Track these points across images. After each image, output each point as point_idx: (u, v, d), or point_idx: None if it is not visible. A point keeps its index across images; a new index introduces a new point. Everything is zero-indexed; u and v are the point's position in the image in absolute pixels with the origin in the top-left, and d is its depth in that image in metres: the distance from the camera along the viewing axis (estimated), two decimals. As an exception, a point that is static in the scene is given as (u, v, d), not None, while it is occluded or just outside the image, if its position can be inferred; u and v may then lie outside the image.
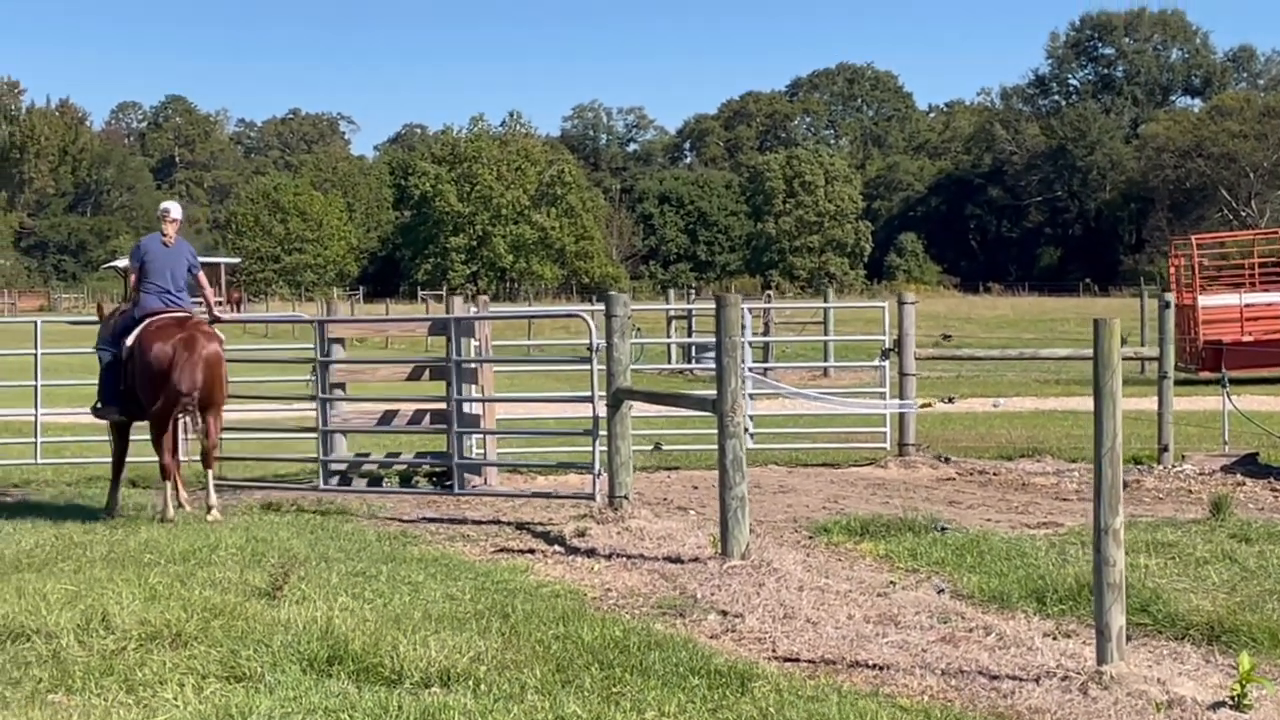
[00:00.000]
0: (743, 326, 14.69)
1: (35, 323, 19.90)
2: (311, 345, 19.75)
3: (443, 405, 17.20)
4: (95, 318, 16.51)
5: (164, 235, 15.59)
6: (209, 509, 14.76)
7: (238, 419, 19.20)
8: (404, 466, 17.45)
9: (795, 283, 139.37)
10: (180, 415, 15.02)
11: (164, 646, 8.76)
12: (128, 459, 15.85)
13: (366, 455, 17.81)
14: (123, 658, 8.52)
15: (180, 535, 13.37)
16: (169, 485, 14.85)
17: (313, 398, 17.23)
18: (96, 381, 15.63)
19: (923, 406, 21.29)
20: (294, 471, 18.59)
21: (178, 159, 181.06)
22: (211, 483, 15.02)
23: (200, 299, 16.46)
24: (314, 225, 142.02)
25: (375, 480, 17.57)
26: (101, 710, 7.48)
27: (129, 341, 15.04)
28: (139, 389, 14.93)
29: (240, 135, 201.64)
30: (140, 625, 9.11)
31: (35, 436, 19.00)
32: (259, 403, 19.92)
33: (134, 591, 10.22)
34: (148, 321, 15.11)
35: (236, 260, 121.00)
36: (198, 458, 15.44)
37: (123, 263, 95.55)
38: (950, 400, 28.39)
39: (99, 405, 15.58)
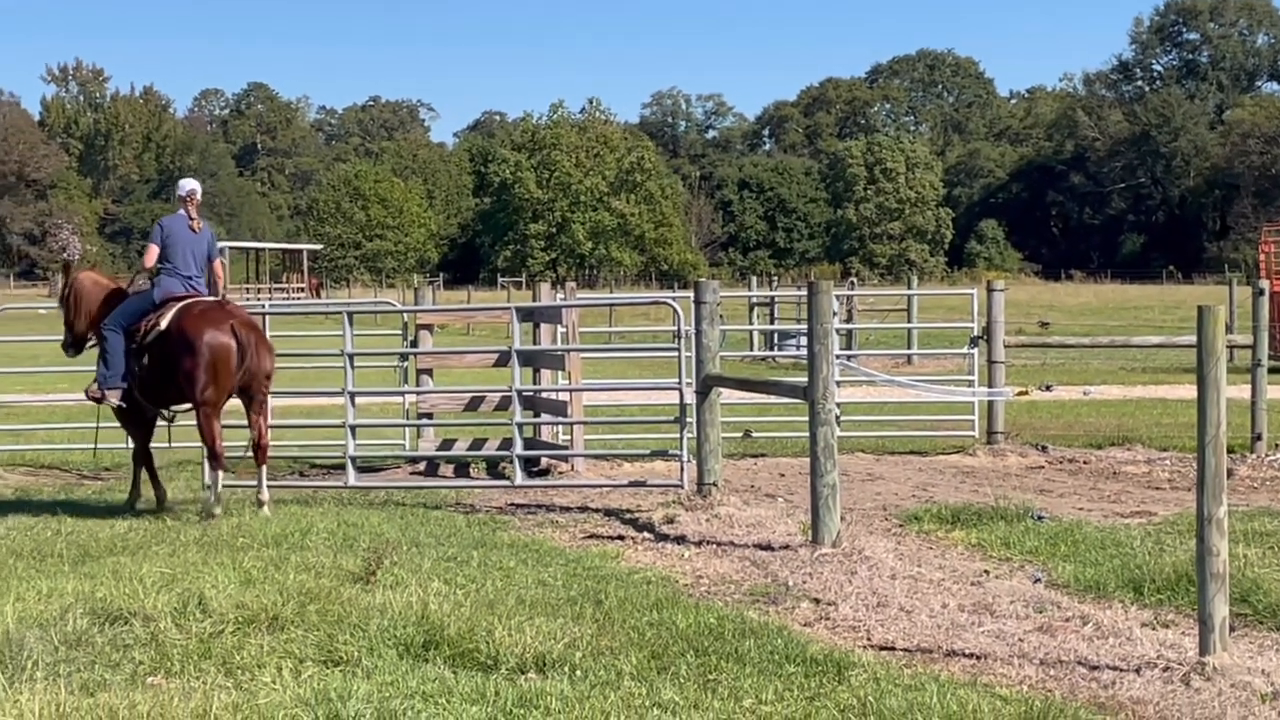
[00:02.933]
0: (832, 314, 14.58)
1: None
2: (395, 332, 19.84)
3: (529, 392, 17.28)
4: None
5: (190, 218, 14.93)
6: (261, 504, 14.31)
7: (321, 404, 19.31)
8: (491, 455, 17.48)
9: (875, 270, 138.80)
10: (256, 396, 14.52)
11: (261, 630, 8.80)
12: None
13: (453, 442, 17.88)
14: (220, 641, 8.56)
15: (272, 520, 13.45)
16: (220, 476, 14.34)
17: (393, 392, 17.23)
18: (99, 362, 14.75)
19: (1018, 395, 21.12)
20: (381, 458, 18.68)
21: (259, 146, 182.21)
22: (265, 476, 14.57)
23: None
24: (394, 212, 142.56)
25: (462, 468, 17.64)
26: (201, 693, 7.50)
27: (164, 324, 14.22)
28: (182, 375, 14.09)
29: (321, 122, 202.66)
30: (237, 609, 9.15)
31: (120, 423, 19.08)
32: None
33: (229, 575, 10.28)
34: (185, 304, 14.39)
35: (318, 247, 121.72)
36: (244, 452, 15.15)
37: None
38: (1048, 388, 28.17)
39: (102, 386, 14.55)
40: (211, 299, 14.72)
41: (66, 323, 15.33)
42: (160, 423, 15.25)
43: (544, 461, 17.46)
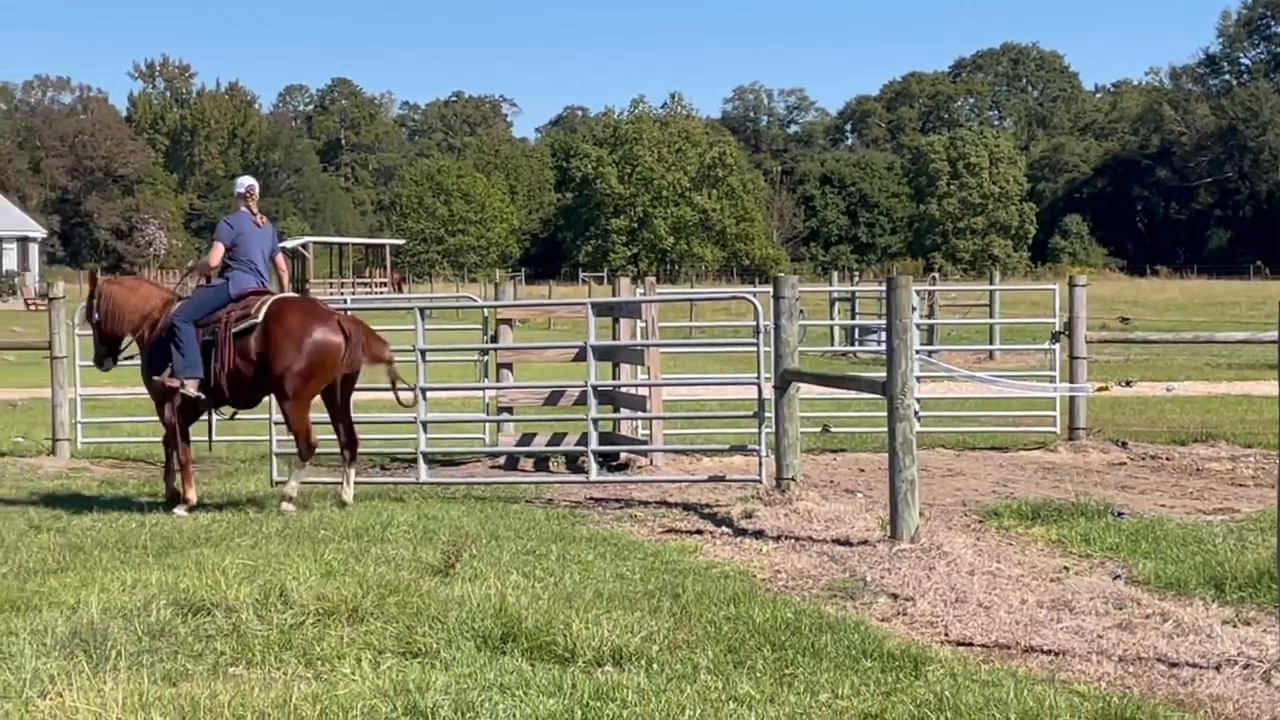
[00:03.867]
0: (912, 309, 14.55)
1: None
2: (476, 327, 19.95)
3: (609, 387, 17.35)
4: None
5: (255, 215, 15.06)
6: (342, 503, 14.26)
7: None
8: (567, 450, 17.53)
9: (958, 265, 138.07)
10: (347, 393, 14.60)
11: (341, 622, 8.88)
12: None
13: (533, 436, 17.95)
14: (301, 632, 8.64)
15: (354, 513, 13.56)
16: (306, 469, 14.49)
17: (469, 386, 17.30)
18: (175, 351, 14.34)
19: (1099, 390, 21.00)
20: (460, 452, 18.79)
21: (343, 141, 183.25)
22: (353, 477, 14.62)
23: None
24: (477, 207, 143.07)
25: (542, 462, 17.71)
26: (281, 683, 7.58)
27: (260, 315, 14.21)
28: (281, 368, 14.05)
29: (404, 118, 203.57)
30: (317, 600, 9.23)
31: (209, 415, 19.26)
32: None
33: (310, 567, 10.37)
34: (279, 298, 14.57)
35: (400, 242, 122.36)
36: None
37: (291, 243, 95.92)
38: (1129, 384, 28.00)
39: (179, 374, 14.29)
40: (298, 296, 14.85)
41: (102, 333, 15.17)
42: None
43: (623, 456, 17.50)
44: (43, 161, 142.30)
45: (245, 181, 15.39)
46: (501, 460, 17.83)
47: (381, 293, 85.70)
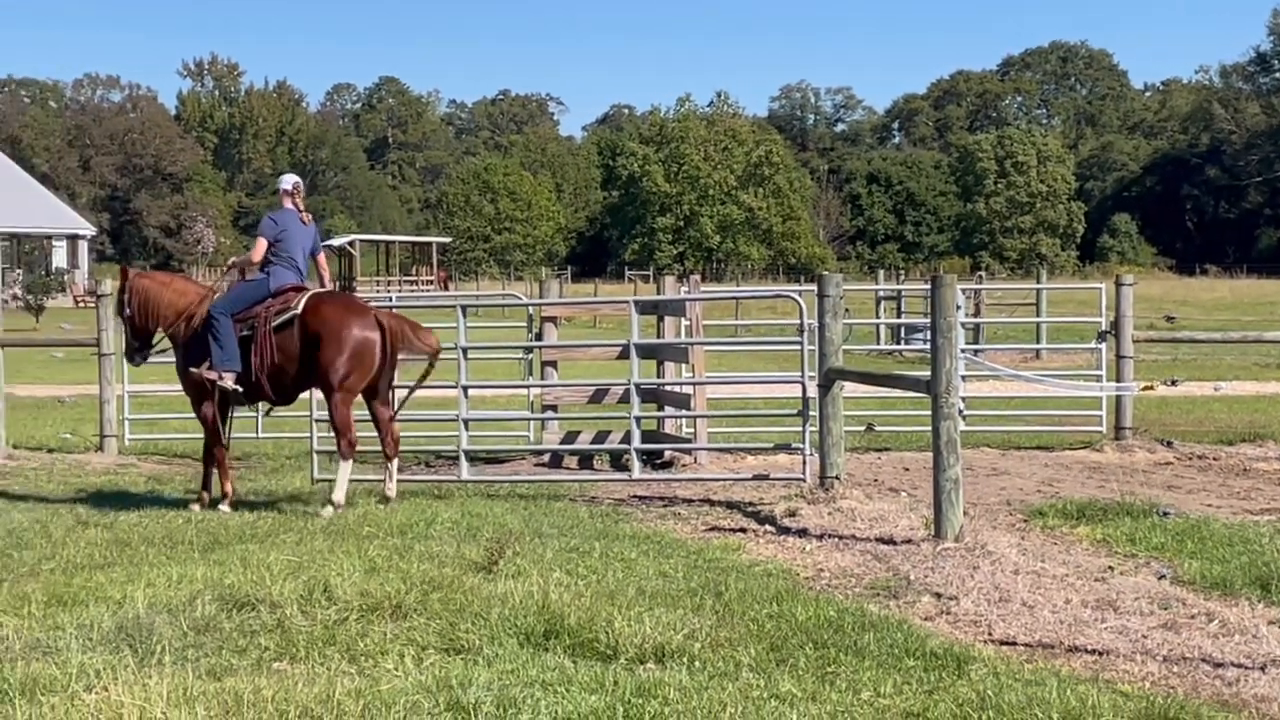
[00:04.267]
0: (957, 307, 14.50)
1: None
2: (521, 324, 20.00)
3: (653, 382, 17.36)
4: None
5: (300, 212, 15.03)
6: (387, 499, 14.31)
7: (450, 396, 19.45)
8: (609, 448, 17.53)
9: (1005, 264, 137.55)
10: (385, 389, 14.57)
11: (384, 618, 8.91)
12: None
13: (577, 433, 17.98)
14: (345, 628, 8.68)
15: (398, 509, 13.59)
16: (349, 466, 14.30)
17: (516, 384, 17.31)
18: (213, 344, 14.29)
19: (1144, 389, 20.91)
20: (504, 450, 18.83)
21: (390, 140, 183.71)
22: (395, 472, 14.63)
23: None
24: (523, 205, 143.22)
25: (586, 460, 17.73)
26: (325, 679, 7.61)
27: (299, 308, 14.21)
28: (324, 362, 14.04)
29: (451, 116, 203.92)
30: (361, 596, 9.27)
31: (257, 411, 19.37)
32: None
33: (354, 563, 10.40)
34: (319, 293, 14.59)
35: (447, 240, 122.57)
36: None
37: (338, 241, 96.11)
38: (1173, 383, 27.87)
39: (217, 367, 14.24)
40: (337, 292, 14.81)
41: (134, 328, 15.10)
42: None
43: (667, 454, 17.51)
44: (92, 160, 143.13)
45: (290, 179, 15.34)
46: (545, 458, 17.85)
47: (428, 290, 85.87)
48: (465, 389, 16.06)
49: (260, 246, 14.83)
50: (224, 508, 14.10)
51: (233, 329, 14.29)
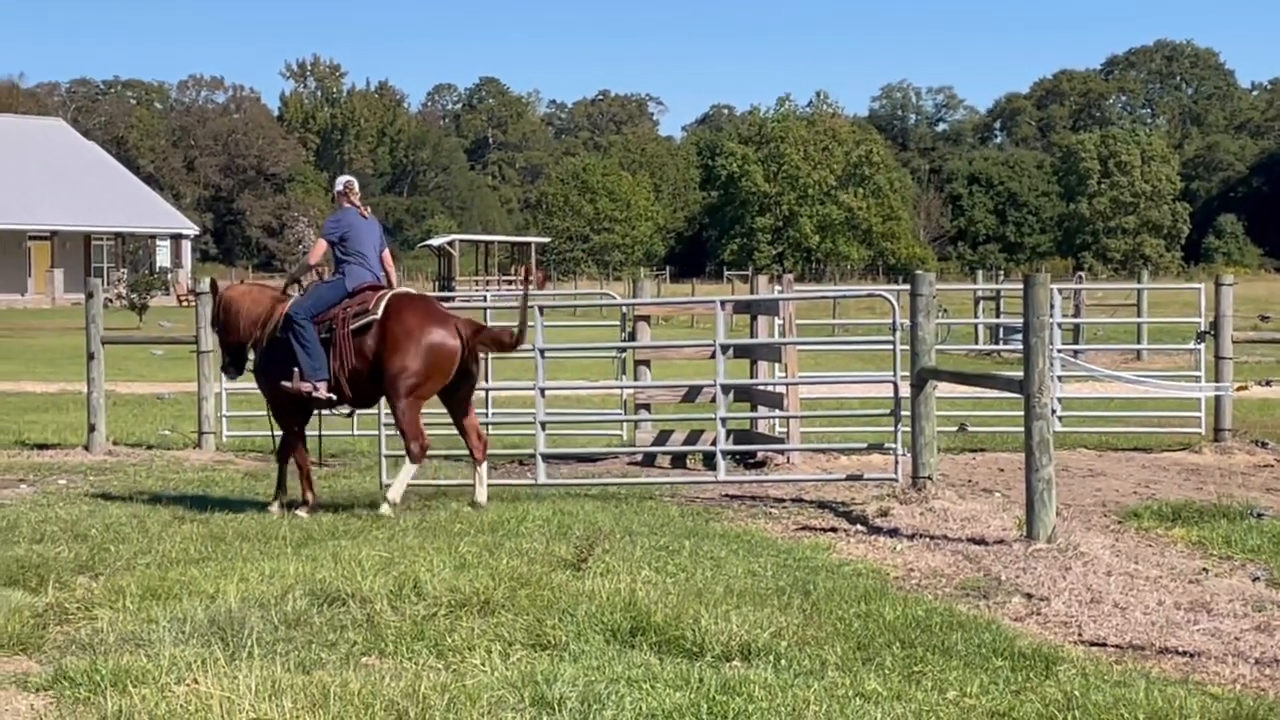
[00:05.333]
0: (1051, 307, 14.40)
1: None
2: (615, 323, 20.05)
3: (745, 383, 17.35)
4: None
5: (361, 208, 14.67)
6: (475, 504, 13.95)
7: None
8: (695, 449, 17.48)
9: (1108, 265, 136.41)
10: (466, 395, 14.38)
11: (472, 613, 8.97)
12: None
13: (669, 433, 17.99)
14: (433, 623, 8.74)
15: (490, 507, 13.64)
16: (414, 468, 14.18)
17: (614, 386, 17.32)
18: (300, 351, 14.09)
19: (1238, 390, 20.68)
20: (601, 446, 18.88)
21: (490, 140, 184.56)
22: (485, 476, 14.35)
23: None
24: (622, 205, 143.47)
25: (679, 459, 17.74)
26: (412, 673, 7.68)
27: (379, 311, 13.95)
28: (397, 367, 13.83)
29: (551, 116, 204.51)
30: (450, 592, 9.34)
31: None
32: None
33: (444, 560, 10.47)
34: (398, 295, 14.31)
35: (546, 240, 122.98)
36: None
37: (437, 241, 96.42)
38: (1268, 383, 27.55)
39: (309, 377, 14.06)
40: (419, 294, 14.65)
41: (225, 341, 15.00)
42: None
43: (760, 454, 17.49)
44: (196, 160, 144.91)
45: (343, 179, 15.06)
46: (639, 457, 17.88)
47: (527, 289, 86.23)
48: (543, 390, 15.83)
49: (319, 248, 14.76)
50: (301, 513, 13.81)
51: (315, 334, 14.11)
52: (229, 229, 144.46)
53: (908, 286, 15.16)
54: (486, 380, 19.53)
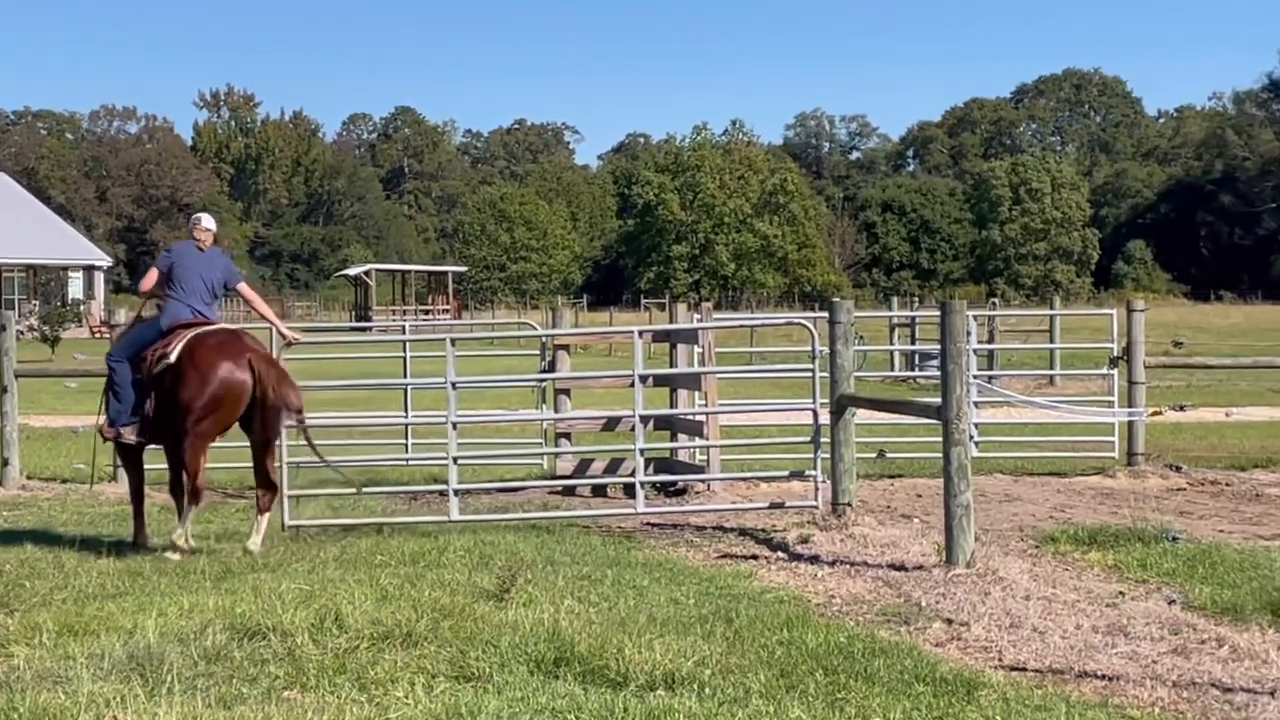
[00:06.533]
0: (967, 334, 14.51)
1: (271, 330, 20.23)
2: (535, 353, 20.03)
3: (665, 413, 17.36)
4: (325, 324, 16.11)
5: (198, 240, 14.29)
6: (247, 551, 13.22)
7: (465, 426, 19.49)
8: (628, 475, 17.48)
9: (1020, 291, 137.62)
10: (269, 436, 13.76)
11: (395, 646, 8.93)
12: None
13: (589, 462, 17.97)
14: (355, 656, 8.70)
15: (409, 538, 13.60)
16: (194, 510, 13.72)
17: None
18: (106, 397, 14.09)
19: (1153, 415, 20.90)
20: (520, 476, 18.85)
21: (406, 169, 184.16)
22: (264, 528, 13.68)
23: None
24: (539, 234, 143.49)
25: (599, 489, 17.72)
26: (335, 707, 7.64)
27: (173, 356, 13.46)
28: (188, 406, 13.35)
29: (467, 145, 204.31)
30: (372, 625, 9.29)
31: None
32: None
33: (366, 592, 10.42)
34: (199, 334, 13.61)
35: (463, 269, 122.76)
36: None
37: (353, 271, 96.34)
38: (1181, 408, 27.85)
39: (115, 424, 13.91)
40: (223, 328, 13.97)
41: None
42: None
43: (681, 482, 17.51)
44: (109, 190, 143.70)
45: (195, 216, 14.89)
46: (559, 488, 17.84)
47: (443, 319, 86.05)
48: (455, 424, 15.37)
49: (149, 277, 14.42)
50: (172, 555, 13.23)
51: (129, 375, 13.74)
52: (142, 260, 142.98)
53: (826, 314, 15.23)
54: (406, 414, 19.58)
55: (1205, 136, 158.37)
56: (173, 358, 13.47)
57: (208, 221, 14.75)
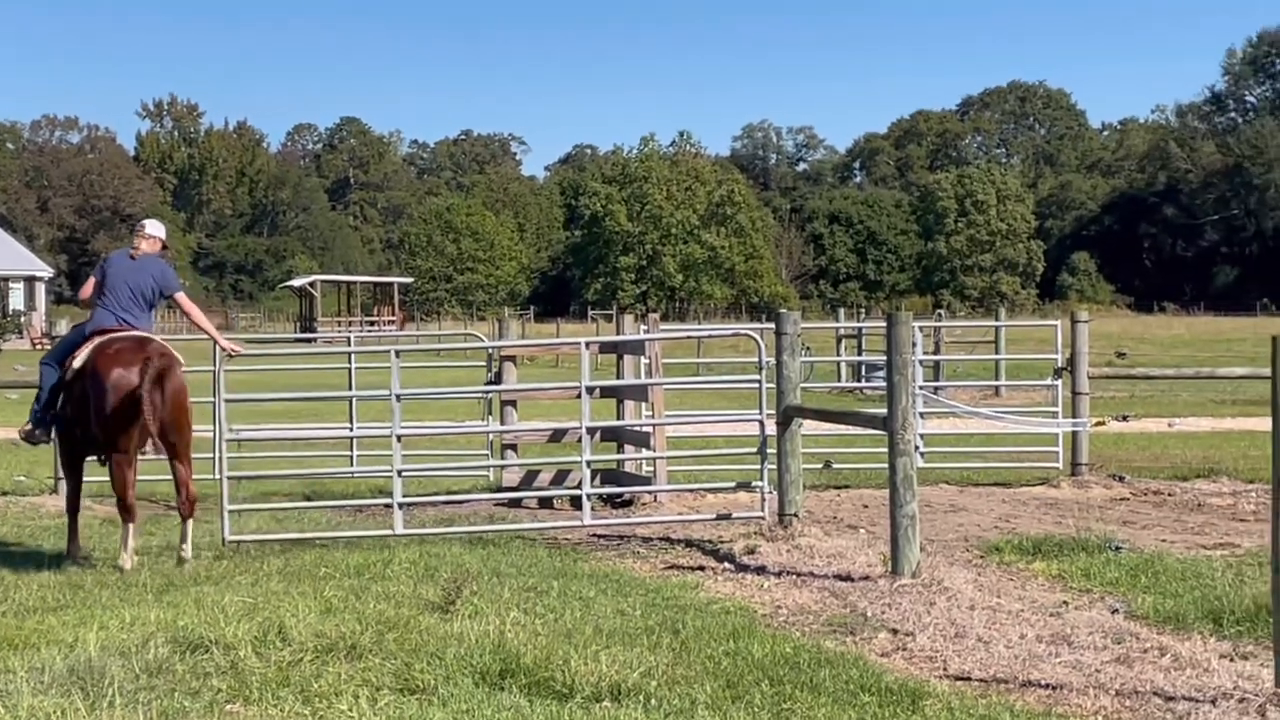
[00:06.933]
0: (913, 345, 14.55)
1: (214, 341, 20.12)
2: (481, 364, 19.98)
3: (612, 424, 17.35)
4: (270, 335, 15.99)
5: (133, 249, 14.19)
6: (181, 561, 13.25)
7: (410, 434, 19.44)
8: (574, 487, 17.44)
9: (966, 302, 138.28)
10: (172, 443, 13.41)
11: (339, 659, 8.88)
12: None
13: (536, 474, 17.94)
14: (299, 669, 8.65)
15: (354, 550, 13.54)
16: (131, 527, 13.32)
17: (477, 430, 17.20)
18: (36, 399, 13.94)
19: (1096, 425, 21.02)
20: (466, 488, 18.80)
21: (352, 180, 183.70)
22: (190, 534, 13.61)
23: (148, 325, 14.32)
24: (486, 245, 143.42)
25: (546, 500, 17.68)
26: (278, 720, 7.61)
27: (77, 362, 13.37)
28: (93, 417, 13.19)
29: (413, 156, 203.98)
30: (316, 637, 9.24)
31: (215, 452, 19.21)
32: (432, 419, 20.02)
33: (310, 604, 10.36)
34: (102, 340, 13.41)
35: (409, 280, 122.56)
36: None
37: (298, 282, 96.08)
38: (1124, 418, 28.02)
39: (30, 427, 13.87)
40: (132, 334, 13.58)
41: None
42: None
43: (628, 493, 17.50)
44: (50, 201, 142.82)
45: (141, 221, 14.80)
46: (505, 500, 17.78)
47: (389, 330, 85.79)
48: (399, 436, 15.11)
49: (86, 286, 14.31)
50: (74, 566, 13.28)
51: (50, 379, 13.63)
52: (84, 270, 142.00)
53: (773, 325, 15.24)
54: (351, 425, 19.53)
55: (1148, 149, 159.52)
56: (77, 364, 13.39)
57: (151, 228, 14.68)
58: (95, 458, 14.13)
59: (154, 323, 14.25)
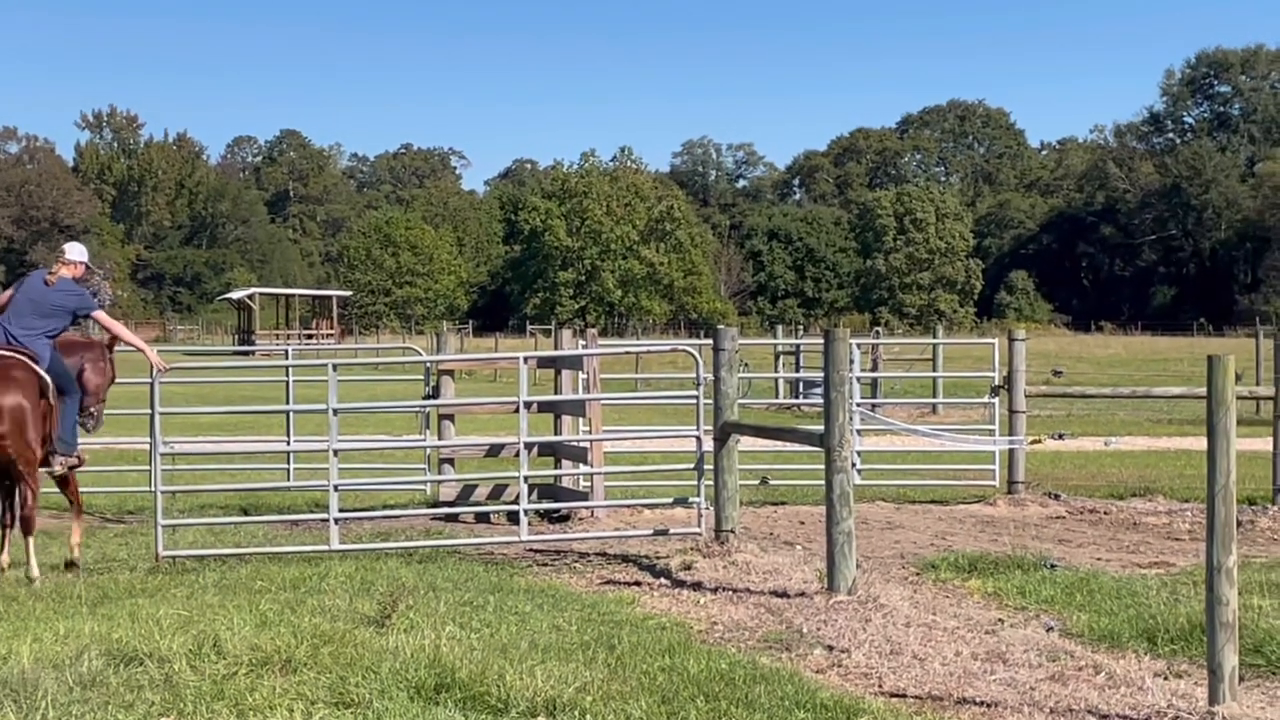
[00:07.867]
0: (851, 362, 14.60)
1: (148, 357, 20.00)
2: (419, 378, 19.93)
3: (549, 440, 17.33)
4: (207, 347, 15.88)
5: (50, 272, 14.29)
6: (31, 579, 13.09)
7: (349, 448, 19.37)
8: (511, 501, 17.42)
9: (904, 320, 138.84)
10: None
11: (274, 672, 8.85)
12: None
13: (473, 488, 17.91)
14: (233, 683, 8.61)
15: (290, 563, 13.49)
16: (30, 542, 13.47)
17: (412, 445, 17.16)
18: None
19: (1032, 443, 21.13)
20: (404, 502, 18.76)
21: (291, 193, 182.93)
22: (33, 552, 13.47)
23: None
24: (425, 259, 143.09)
25: (483, 515, 17.66)
26: (212, 734, 7.57)
27: None
28: None
29: (353, 169, 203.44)
30: (251, 651, 9.21)
31: (151, 465, 19.11)
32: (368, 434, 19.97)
33: (245, 618, 10.33)
34: None
35: (348, 293, 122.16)
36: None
37: (237, 294, 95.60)
38: (1060, 437, 28.18)
39: None
40: (3, 355, 13.56)
41: None
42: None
43: (565, 508, 17.48)
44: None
45: (65, 245, 14.72)
46: (442, 514, 17.75)
47: (327, 344, 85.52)
48: (335, 451, 15.09)
49: (4, 297, 14.31)
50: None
51: None
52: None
53: (711, 341, 15.27)
54: (288, 439, 19.44)
55: (1087, 168, 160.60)
56: None
57: (71, 252, 14.60)
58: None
59: (49, 348, 13.97)
